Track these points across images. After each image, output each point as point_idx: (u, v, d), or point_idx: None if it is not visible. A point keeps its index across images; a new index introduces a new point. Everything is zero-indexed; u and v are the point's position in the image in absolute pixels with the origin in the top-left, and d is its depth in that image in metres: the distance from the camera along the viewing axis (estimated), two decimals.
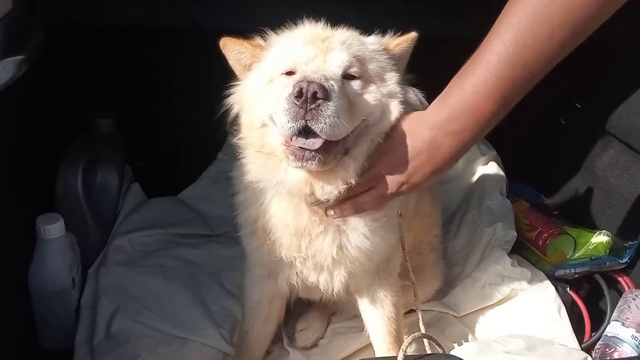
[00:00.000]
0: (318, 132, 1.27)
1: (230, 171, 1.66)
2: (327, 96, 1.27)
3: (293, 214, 1.48)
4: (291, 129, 1.29)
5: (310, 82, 1.26)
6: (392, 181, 1.41)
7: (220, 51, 2.32)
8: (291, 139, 1.32)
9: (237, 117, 1.53)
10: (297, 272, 1.59)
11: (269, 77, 1.45)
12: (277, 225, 1.51)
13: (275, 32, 1.54)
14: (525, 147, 2.55)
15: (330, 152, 1.33)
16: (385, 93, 1.44)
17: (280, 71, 1.43)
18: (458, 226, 2.28)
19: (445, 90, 1.36)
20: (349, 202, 1.44)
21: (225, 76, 1.55)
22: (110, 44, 2.34)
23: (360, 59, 1.43)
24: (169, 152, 2.51)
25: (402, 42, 1.52)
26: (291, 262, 1.55)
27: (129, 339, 1.83)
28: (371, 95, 1.42)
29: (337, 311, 2.03)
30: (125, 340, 1.82)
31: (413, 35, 1.53)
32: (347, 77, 1.40)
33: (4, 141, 1.73)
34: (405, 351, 1.27)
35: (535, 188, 2.52)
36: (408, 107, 1.48)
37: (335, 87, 1.30)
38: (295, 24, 1.52)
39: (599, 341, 1.87)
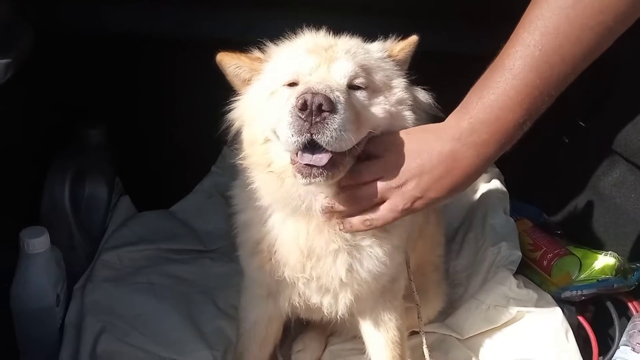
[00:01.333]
0: (324, 146, 1.21)
1: (225, 185, 1.60)
2: (333, 108, 1.20)
3: (307, 234, 1.41)
4: (296, 143, 1.21)
5: (314, 94, 1.19)
6: (406, 195, 1.29)
7: (215, 62, 2.28)
8: (296, 154, 1.26)
9: (238, 134, 1.46)
10: (299, 293, 1.51)
11: (270, 90, 1.39)
12: (286, 245, 1.44)
13: (275, 43, 1.48)
14: (527, 165, 2.50)
15: (338, 166, 1.26)
16: (394, 102, 1.39)
17: (282, 83, 1.36)
18: (460, 245, 2.22)
19: (464, 101, 1.28)
20: (358, 217, 1.34)
21: (219, 87, 1.49)
22: (102, 53, 2.28)
23: (366, 69, 1.38)
24: (161, 164, 2.43)
25: (405, 46, 1.48)
26: (294, 282, 1.48)
27: None
28: (379, 106, 1.36)
29: (335, 332, 1.96)
30: None
31: (414, 38, 1.50)
32: (352, 87, 1.34)
33: None
34: None
35: (537, 207, 2.47)
36: (419, 111, 1.44)
37: (342, 99, 1.23)
38: (295, 34, 1.46)
39: None
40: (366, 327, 1.67)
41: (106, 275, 2.05)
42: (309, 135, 1.20)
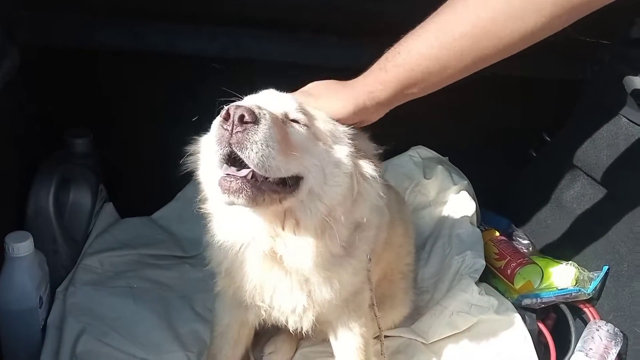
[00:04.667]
0: (244, 160, 1.18)
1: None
2: (255, 120, 1.17)
3: (257, 270, 1.46)
4: (217, 153, 1.19)
5: (238, 107, 1.18)
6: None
7: (198, 76, 2.35)
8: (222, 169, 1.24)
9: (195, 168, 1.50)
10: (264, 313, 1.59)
11: None
12: (241, 276, 1.50)
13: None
14: (498, 177, 2.61)
15: (263, 191, 1.23)
16: (332, 160, 1.36)
17: None
18: (429, 254, 2.31)
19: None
20: None
21: (201, 100, 1.57)
22: (87, 64, 2.35)
23: (310, 115, 1.37)
24: (145, 172, 2.50)
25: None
26: (257, 307, 1.56)
27: None
28: (315, 151, 1.33)
29: (305, 335, 2.03)
30: None
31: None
32: (292, 120, 1.33)
33: None
34: None
35: (506, 217, 2.57)
36: (364, 182, 1.41)
37: (268, 116, 1.20)
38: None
39: None
40: (333, 335, 1.74)
41: (87, 279, 2.11)
42: (228, 146, 1.17)
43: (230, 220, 1.41)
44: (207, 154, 1.43)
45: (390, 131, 1.52)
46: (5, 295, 1.81)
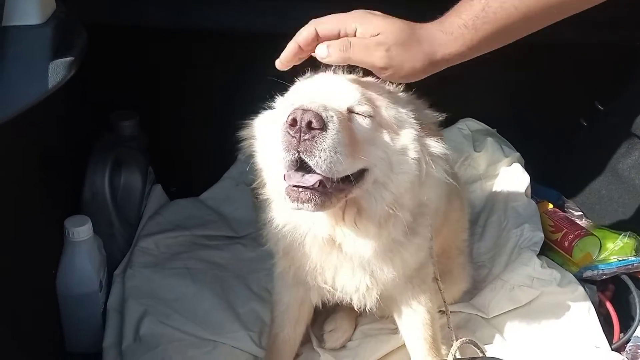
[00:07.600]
0: (312, 167, 1.17)
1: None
2: (323, 126, 1.15)
3: (317, 253, 1.45)
4: (284, 160, 1.19)
5: (305, 111, 1.15)
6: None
7: (243, 54, 2.31)
8: (286, 176, 1.23)
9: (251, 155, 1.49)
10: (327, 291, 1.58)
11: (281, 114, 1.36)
12: (300, 257, 1.49)
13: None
14: (547, 149, 2.56)
15: (330, 195, 1.23)
16: (398, 148, 1.33)
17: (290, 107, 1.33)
18: (483, 228, 2.27)
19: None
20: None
21: (248, 80, 1.53)
22: (134, 46, 2.33)
23: (373, 100, 1.33)
24: (190, 152, 2.49)
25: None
26: (320, 287, 1.55)
27: (159, 342, 1.81)
28: (381, 143, 1.30)
29: (364, 312, 2.02)
30: (156, 343, 1.81)
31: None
32: (356, 114, 1.30)
33: (37, 145, 1.72)
34: (454, 355, 1.27)
35: (555, 190, 2.52)
36: (432, 162, 1.37)
37: (335, 119, 1.18)
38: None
39: (630, 342, 1.87)
40: (397, 312, 1.72)
41: (145, 261, 2.11)
42: (296, 153, 1.16)
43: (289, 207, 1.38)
44: (263, 139, 1.41)
45: (438, 103, 1.47)
46: (66, 280, 1.83)
